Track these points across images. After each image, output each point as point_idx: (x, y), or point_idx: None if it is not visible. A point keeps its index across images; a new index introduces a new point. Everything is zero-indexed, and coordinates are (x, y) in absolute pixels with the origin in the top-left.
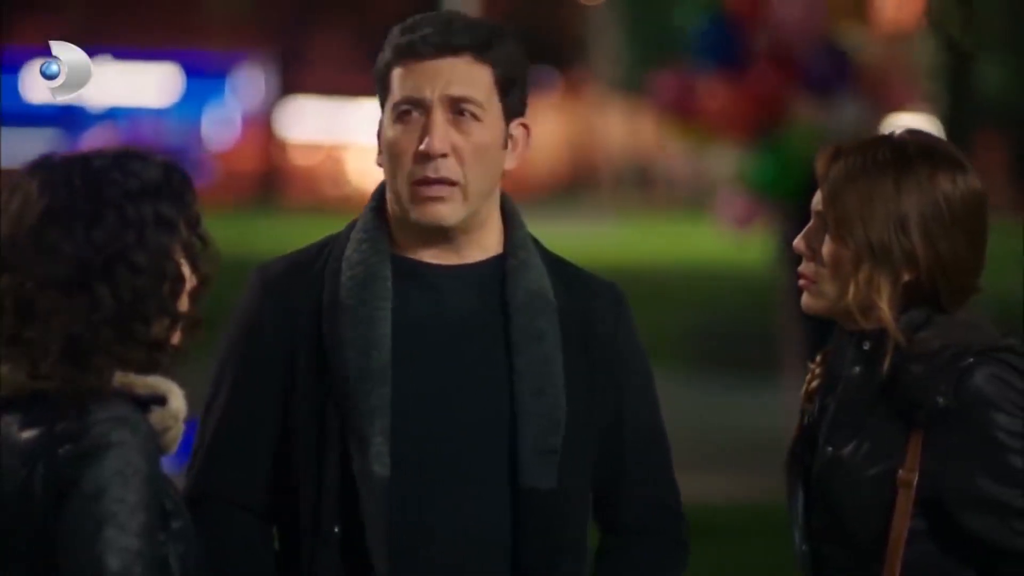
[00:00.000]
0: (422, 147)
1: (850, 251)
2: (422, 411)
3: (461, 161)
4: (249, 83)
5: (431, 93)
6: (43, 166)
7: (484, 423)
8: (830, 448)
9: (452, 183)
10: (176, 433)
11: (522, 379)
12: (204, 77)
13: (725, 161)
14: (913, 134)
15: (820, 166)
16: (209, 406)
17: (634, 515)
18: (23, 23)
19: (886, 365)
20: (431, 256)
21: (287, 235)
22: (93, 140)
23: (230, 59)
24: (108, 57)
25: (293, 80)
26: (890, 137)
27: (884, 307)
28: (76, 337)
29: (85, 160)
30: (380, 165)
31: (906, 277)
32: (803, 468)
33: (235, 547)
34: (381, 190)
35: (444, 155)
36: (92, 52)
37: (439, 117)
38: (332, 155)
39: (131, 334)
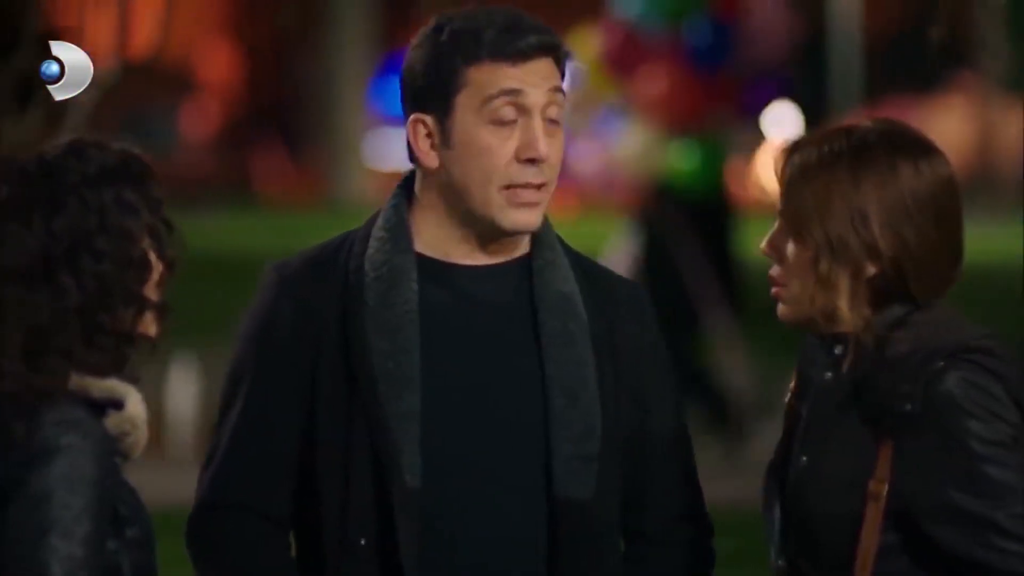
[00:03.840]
0: (531, 153)
1: (810, 250)
2: (452, 418)
3: (551, 164)
4: None
5: (533, 95)
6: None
7: (517, 430)
8: (804, 458)
9: (544, 186)
10: (137, 438)
11: (555, 384)
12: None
13: None
14: (877, 122)
15: (776, 164)
16: (225, 409)
17: (658, 524)
18: (411, 27)
19: (846, 367)
20: (458, 255)
21: None
22: None
23: None
24: None
25: None
26: (850, 127)
27: (843, 306)
28: (39, 331)
29: (39, 153)
30: (427, 165)
31: (871, 271)
32: (780, 480)
33: (250, 556)
34: (404, 186)
35: (546, 160)
36: None
37: (539, 120)
38: None
39: (97, 325)
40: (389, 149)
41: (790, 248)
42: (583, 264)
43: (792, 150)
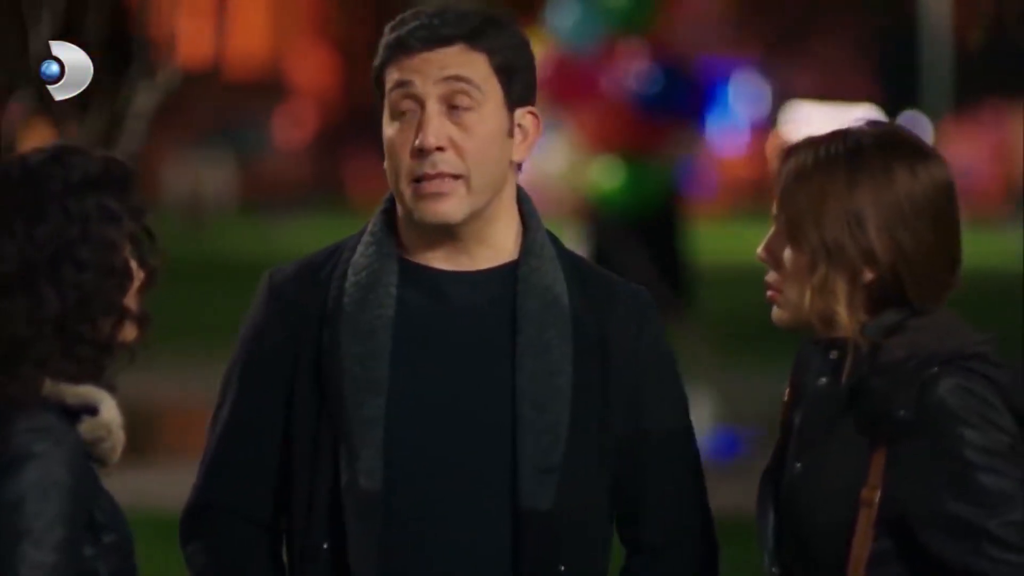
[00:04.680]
0: (416, 142)
1: (806, 254)
2: (419, 424)
3: (461, 153)
4: (751, 89)
5: (422, 85)
6: None
7: (483, 438)
8: (798, 464)
9: (454, 176)
10: (113, 443)
11: (524, 393)
12: (708, 83)
13: None
14: (872, 125)
15: (772, 167)
16: (215, 413)
17: (657, 535)
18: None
19: (845, 374)
20: (440, 260)
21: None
22: None
23: (731, 65)
24: None
25: (793, 85)
26: (846, 131)
27: (841, 311)
28: (15, 340)
29: (22, 158)
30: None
31: (868, 276)
32: (775, 486)
33: (234, 559)
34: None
35: (440, 148)
36: None
37: (433, 110)
38: None
39: (77, 335)
40: None
41: (786, 253)
42: (580, 268)
43: (788, 154)
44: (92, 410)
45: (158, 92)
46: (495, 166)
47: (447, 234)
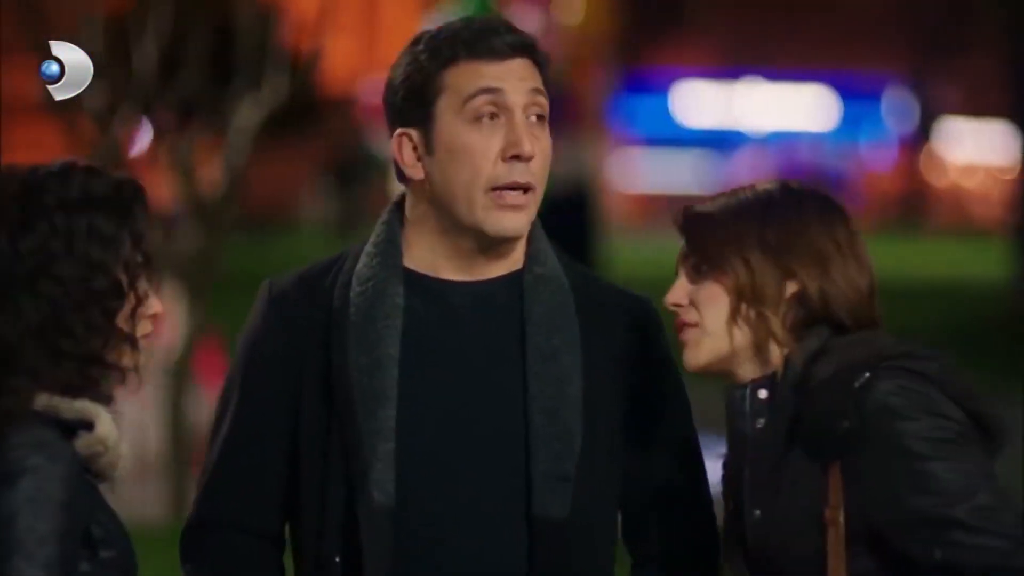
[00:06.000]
0: (515, 150)
1: (729, 276)
2: (430, 435)
3: (539, 167)
4: (901, 104)
5: (512, 93)
6: None
7: (495, 447)
8: (757, 512)
9: (529, 188)
10: (111, 458)
11: (535, 400)
12: (858, 99)
13: None
14: (771, 182)
15: (676, 219)
16: (215, 426)
17: (663, 545)
18: (671, 44)
19: (781, 391)
20: (448, 271)
21: (929, 258)
22: (742, 162)
23: (882, 80)
24: (758, 79)
25: (943, 100)
26: (750, 185)
27: (775, 322)
28: (5, 350)
29: (31, 170)
30: (414, 178)
31: (792, 288)
32: (742, 549)
33: (238, 573)
34: (397, 203)
35: (531, 158)
36: (742, 73)
37: (521, 119)
38: (991, 176)
39: (57, 349)
40: (634, 170)
41: (705, 288)
42: (585, 278)
43: (691, 207)
44: (89, 425)
45: (263, 108)
46: (547, 177)
47: (489, 246)
